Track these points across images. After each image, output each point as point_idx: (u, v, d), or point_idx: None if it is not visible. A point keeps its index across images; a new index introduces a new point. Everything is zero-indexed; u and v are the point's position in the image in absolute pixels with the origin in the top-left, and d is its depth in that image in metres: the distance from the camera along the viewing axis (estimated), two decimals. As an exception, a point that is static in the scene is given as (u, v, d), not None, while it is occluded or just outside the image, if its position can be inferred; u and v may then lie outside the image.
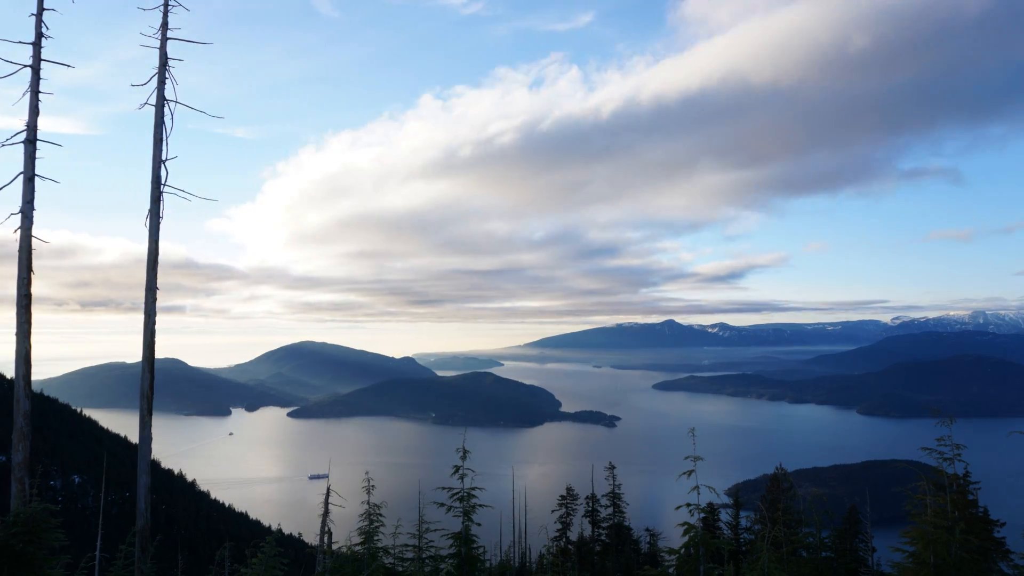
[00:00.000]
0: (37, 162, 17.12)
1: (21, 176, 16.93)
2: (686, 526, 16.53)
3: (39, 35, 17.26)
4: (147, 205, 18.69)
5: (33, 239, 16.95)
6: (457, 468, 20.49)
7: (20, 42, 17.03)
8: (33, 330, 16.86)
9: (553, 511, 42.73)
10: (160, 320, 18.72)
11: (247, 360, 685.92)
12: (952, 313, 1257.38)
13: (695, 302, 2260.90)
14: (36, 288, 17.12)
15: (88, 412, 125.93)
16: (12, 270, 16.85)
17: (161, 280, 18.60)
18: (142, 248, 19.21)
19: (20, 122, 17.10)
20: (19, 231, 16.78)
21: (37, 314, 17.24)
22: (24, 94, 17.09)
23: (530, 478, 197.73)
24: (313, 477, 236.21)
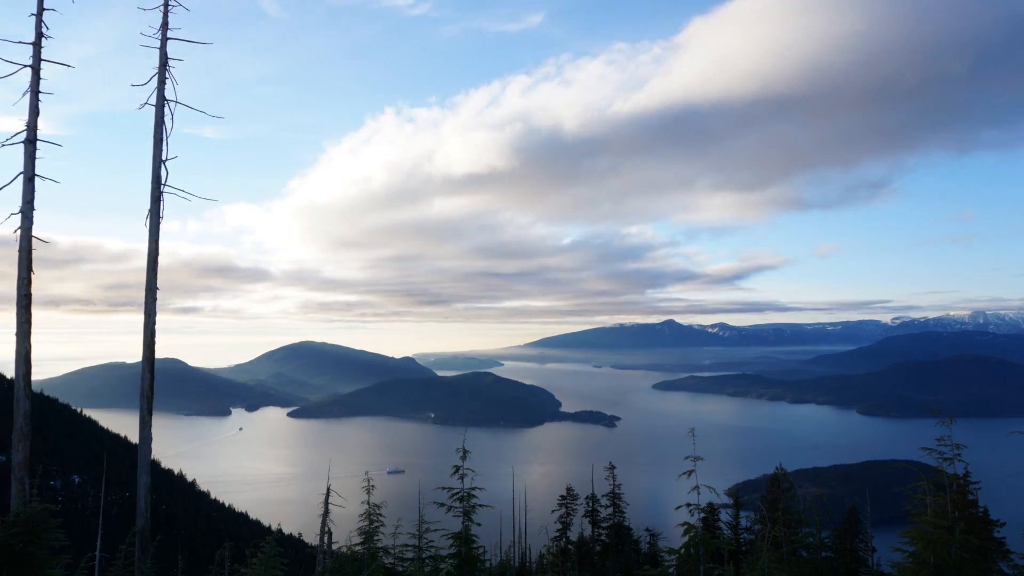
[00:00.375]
0: (37, 162, 17.13)
1: (21, 176, 16.93)
2: (686, 526, 16.53)
3: (39, 35, 17.26)
4: (147, 205, 18.72)
5: (33, 239, 16.95)
6: (457, 468, 20.49)
7: (20, 42, 17.04)
8: (33, 330, 16.87)
9: (553, 511, 42.73)
10: (163, 320, 18.74)
11: (247, 360, 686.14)
12: (952, 313, 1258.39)
13: (695, 302, 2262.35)
14: (37, 288, 17.13)
15: (88, 412, 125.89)
16: (12, 270, 16.87)
17: (198, 281, 18.60)
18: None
19: (20, 122, 17.11)
20: (19, 231, 16.79)
21: (37, 314, 17.25)
22: (24, 94, 17.09)
23: (530, 478, 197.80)
24: (392, 472, 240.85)
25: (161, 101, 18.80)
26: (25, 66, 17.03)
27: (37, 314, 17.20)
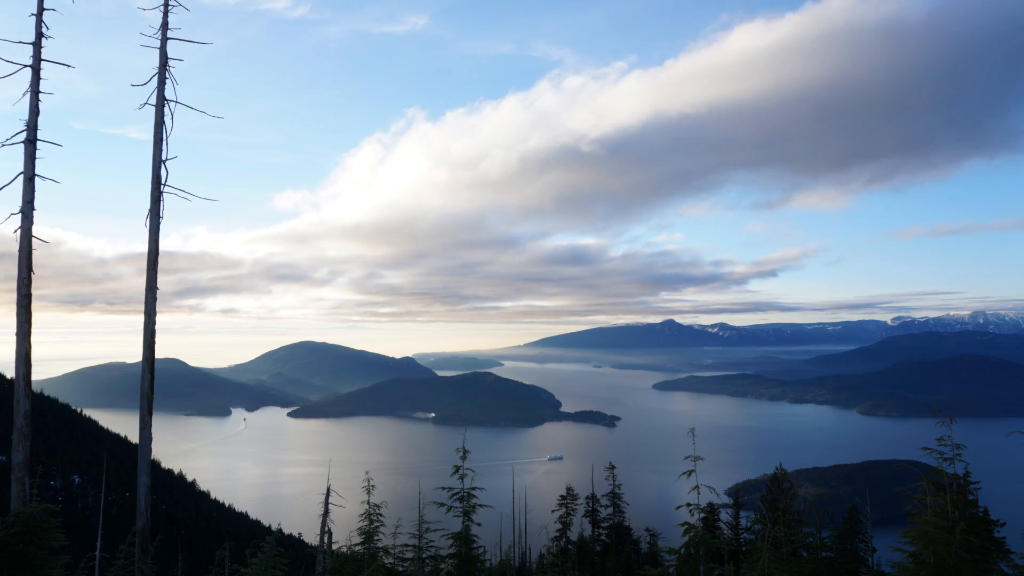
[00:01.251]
0: (37, 162, 17.14)
1: (21, 176, 16.94)
2: (686, 526, 16.55)
3: (39, 35, 17.27)
4: (148, 205, 18.72)
5: (33, 239, 16.96)
6: (457, 468, 20.50)
7: (20, 42, 17.05)
8: (33, 330, 16.87)
9: (553, 511, 42.77)
10: (163, 320, 18.74)
11: (247, 360, 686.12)
12: (952, 313, 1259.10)
13: (695, 302, 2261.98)
14: (37, 288, 17.13)
15: (88, 412, 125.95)
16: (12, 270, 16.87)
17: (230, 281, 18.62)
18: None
19: (20, 122, 17.12)
20: (19, 231, 16.79)
21: (37, 314, 17.26)
22: (24, 94, 17.10)
23: (530, 478, 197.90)
24: (552, 458, 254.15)
25: (161, 101, 18.80)
26: (25, 66, 17.04)
27: (37, 314, 17.21)
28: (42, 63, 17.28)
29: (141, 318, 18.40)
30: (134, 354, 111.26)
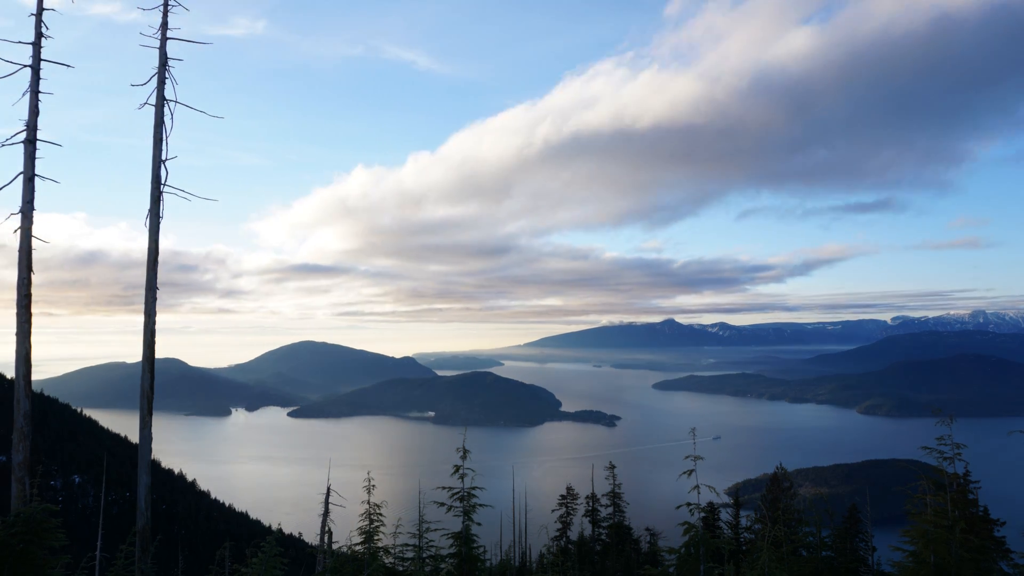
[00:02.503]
0: (37, 162, 17.14)
1: (21, 176, 16.94)
2: (686, 525, 16.56)
3: (39, 35, 17.27)
4: (147, 205, 18.73)
5: (33, 239, 16.96)
6: (457, 468, 20.51)
7: (20, 42, 17.05)
8: (33, 330, 16.87)
9: (553, 511, 42.77)
10: (163, 320, 18.75)
11: (247, 360, 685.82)
12: (952, 313, 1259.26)
13: (695, 302, 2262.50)
14: (37, 288, 17.13)
15: (88, 412, 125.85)
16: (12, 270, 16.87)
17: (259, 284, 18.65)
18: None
19: (20, 122, 17.12)
20: (19, 231, 16.79)
21: (37, 314, 17.26)
22: (24, 94, 17.10)
23: (530, 478, 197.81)
24: (716, 438, 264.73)
25: (161, 101, 18.81)
26: (25, 66, 17.04)
27: (37, 314, 17.22)
28: (42, 63, 17.28)
29: (141, 318, 18.41)
30: (134, 354, 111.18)
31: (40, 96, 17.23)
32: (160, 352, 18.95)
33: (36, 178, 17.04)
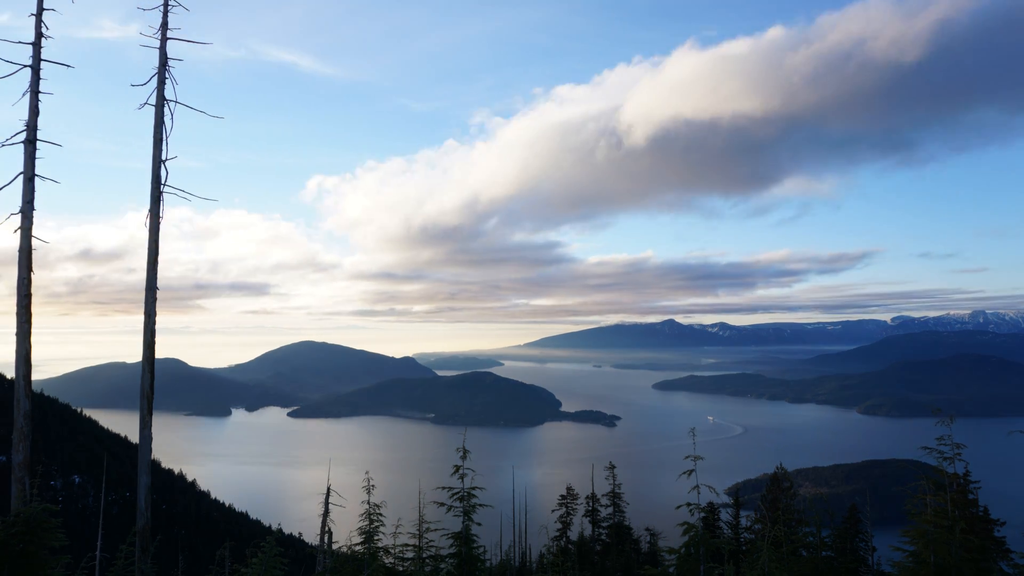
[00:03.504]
0: (37, 162, 17.13)
1: (21, 176, 16.93)
2: (686, 526, 16.56)
3: (39, 35, 17.26)
4: (147, 205, 18.73)
5: (33, 239, 16.96)
6: (457, 468, 20.51)
7: (20, 42, 17.05)
8: (33, 330, 16.87)
9: (553, 511, 42.77)
10: (163, 320, 18.74)
11: (247, 360, 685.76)
12: (952, 313, 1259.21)
13: (695, 301, 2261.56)
14: (37, 288, 17.13)
15: (88, 412, 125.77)
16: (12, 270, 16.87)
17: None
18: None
19: (20, 122, 17.12)
20: (19, 231, 16.79)
21: (37, 314, 17.26)
22: (24, 94, 17.10)
23: (530, 478, 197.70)
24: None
25: (161, 101, 18.80)
26: (25, 66, 17.04)
27: (37, 314, 17.22)
28: (42, 63, 17.28)
29: (141, 318, 18.41)
30: (134, 354, 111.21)
31: (40, 96, 17.23)
32: (160, 352, 18.95)
33: (36, 178, 17.04)
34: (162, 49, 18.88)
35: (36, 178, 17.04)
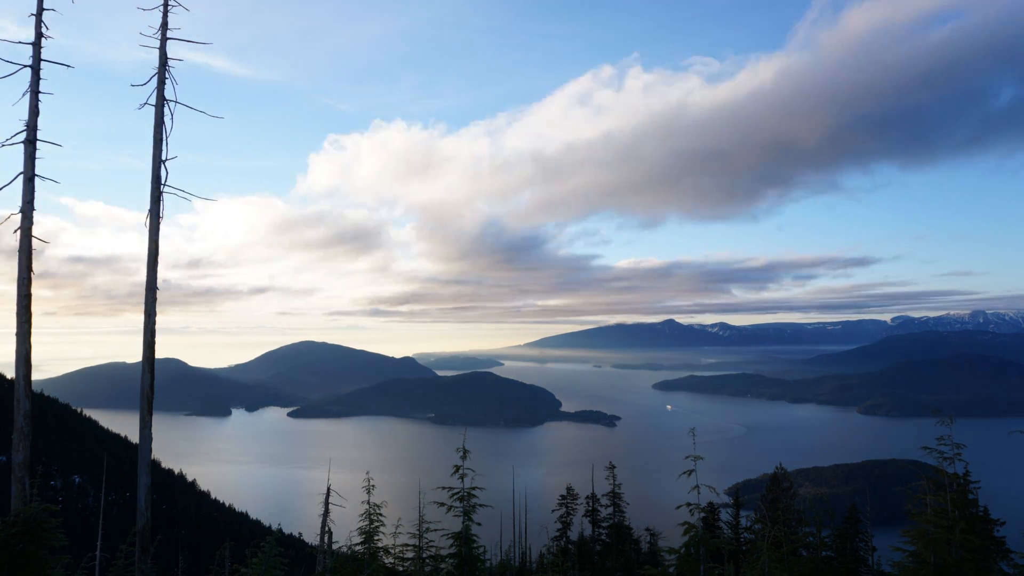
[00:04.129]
0: (37, 162, 17.13)
1: (21, 176, 16.93)
2: (686, 526, 16.56)
3: (39, 35, 17.26)
4: (147, 205, 18.72)
5: (33, 239, 16.95)
6: (457, 468, 20.50)
7: (20, 42, 17.05)
8: (33, 330, 16.86)
9: (553, 511, 42.77)
10: (163, 320, 18.74)
11: (247, 360, 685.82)
12: (952, 313, 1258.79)
13: (695, 301, 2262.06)
14: (37, 288, 17.13)
15: (88, 412, 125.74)
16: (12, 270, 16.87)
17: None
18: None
19: (20, 122, 17.12)
20: (19, 231, 16.79)
21: (37, 314, 17.26)
22: (24, 94, 17.10)
23: (530, 478, 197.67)
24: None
25: (161, 101, 18.80)
26: (25, 66, 17.04)
27: (37, 314, 17.21)
28: (42, 63, 17.28)
29: (141, 318, 18.41)
30: (134, 354, 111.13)
31: (40, 96, 17.23)
32: (160, 352, 18.95)
33: (36, 178, 17.04)
34: (162, 49, 18.89)
35: (36, 178, 17.04)
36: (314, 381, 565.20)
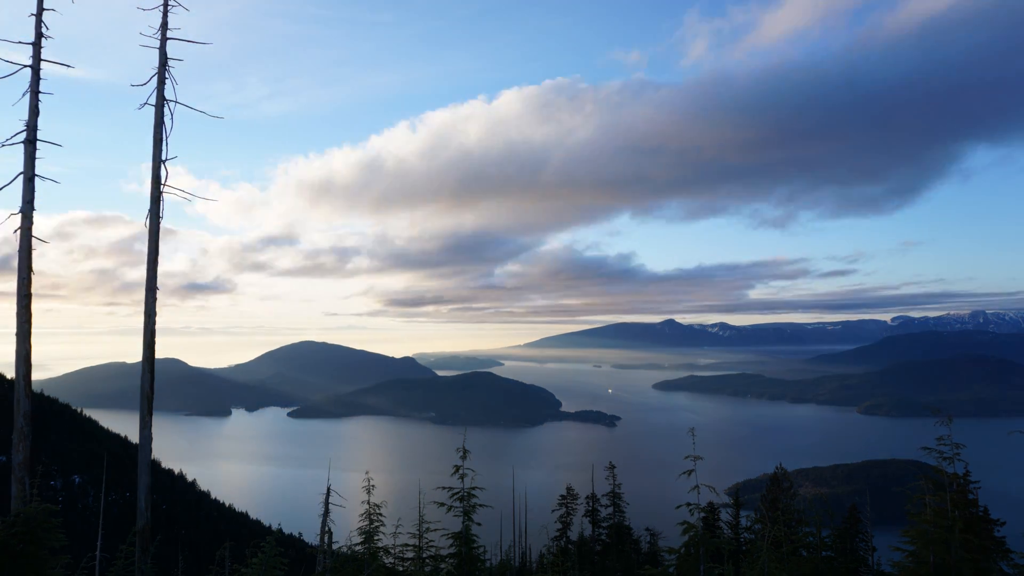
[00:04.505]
0: (37, 162, 17.14)
1: (21, 176, 16.94)
2: (686, 526, 16.56)
3: (39, 35, 17.27)
4: (147, 205, 18.73)
5: (33, 239, 16.96)
6: (457, 468, 20.51)
7: (20, 42, 17.05)
8: (33, 330, 16.87)
9: (553, 511, 42.73)
10: (163, 320, 18.75)
11: (247, 360, 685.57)
12: (952, 313, 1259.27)
13: (696, 301, 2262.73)
14: (36, 288, 17.13)
15: (88, 412, 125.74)
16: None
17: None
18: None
19: (20, 122, 17.13)
20: (19, 231, 16.79)
21: (38, 314, 17.26)
22: (24, 94, 17.10)
23: (530, 478, 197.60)
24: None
25: (161, 101, 18.81)
26: (25, 66, 17.04)
27: (37, 314, 17.21)
28: (42, 63, 17.28)
29: (141, 318, 18.41)
30: (134, 354, 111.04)
31: (40, 96, 17.23)
32: (160, 352, 18.96)
33: (36, 178, 17.04)
34: (162, 49, 18.89)
35: (36, 178, 17.04)
36: (314, 381, 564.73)
